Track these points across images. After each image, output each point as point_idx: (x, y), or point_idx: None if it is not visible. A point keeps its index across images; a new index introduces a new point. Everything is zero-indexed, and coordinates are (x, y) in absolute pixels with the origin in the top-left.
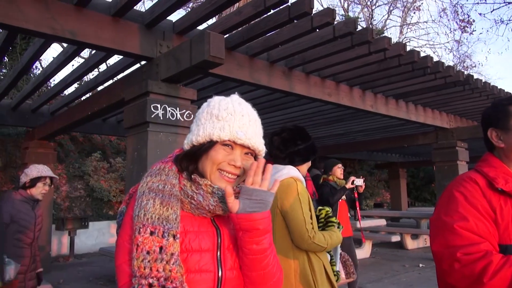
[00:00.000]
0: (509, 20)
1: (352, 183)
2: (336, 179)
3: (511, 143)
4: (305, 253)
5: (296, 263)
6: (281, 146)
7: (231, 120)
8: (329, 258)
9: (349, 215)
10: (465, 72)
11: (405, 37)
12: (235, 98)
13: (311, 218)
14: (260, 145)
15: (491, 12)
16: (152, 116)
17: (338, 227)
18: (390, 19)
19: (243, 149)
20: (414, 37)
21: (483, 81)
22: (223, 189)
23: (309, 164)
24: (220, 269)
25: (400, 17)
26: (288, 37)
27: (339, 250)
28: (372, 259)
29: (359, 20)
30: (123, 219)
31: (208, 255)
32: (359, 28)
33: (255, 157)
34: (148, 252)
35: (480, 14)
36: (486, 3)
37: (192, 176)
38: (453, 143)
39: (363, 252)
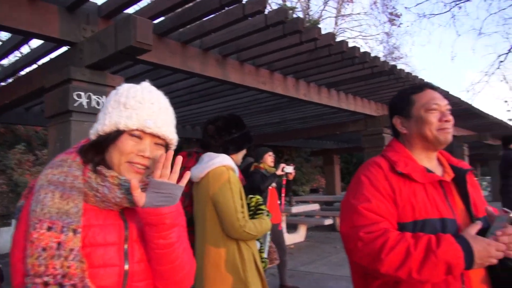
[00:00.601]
0: (431, 14)
1: (282, 170)
2: (267, 167)
3: (412, 129)
4: (235, 242)
5: (226, 252)
6: (216, 135)
7: (139, 109)
8: (258, 246)
9: (279, 202)
10: (392, 63)
11: (339, 28)
12: (145, 85)
13: (242, 207)
14: (171, 134)
15: (415, 6)
16: (75, 104)
17: (268, 215)
18: (325, 10)
19: (153, 138)
20: (348, 28)
21: (406, 71)
22: (131, 181)
23: (243, 152)
24: (127, 263)
25: (335, 8)
26: (221, 24)
27: (268, 238)
28: (306, 242)
29: (296, 10)
30: (20, 214)
31: (114, 248)
32: (291, 17)
33: (167, 147)
34: (44, 249)
35: (405, 8)
36: None
37: (97, 168)
38: (380, 130)
39: (298, 236)
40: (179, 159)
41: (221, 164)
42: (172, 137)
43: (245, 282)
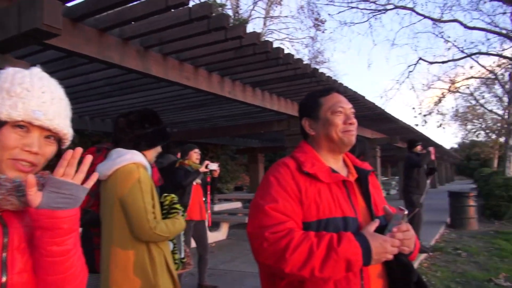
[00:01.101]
0: (351, 23)
1: (206, 167)
2: (192, 163)
3: (319, 131)
4: (145, 244)
5: (135, 255)
6: (127, 128)
7: (27, 97)
8: (172, 247)
9: (204, 199)
10: (316, 67)
11: (268, 29)
12: (36, 71)
13: (153, 207)
14: (64, 128)
15: (338, 13)
16: None
17: (183, 215)
18: (255, 10)
19: (43, 131)
20: (276, 30)
21: (327, 75)
22: (13, 180)
23: (157, 150)
24: (4, 274)
25: (264, 9)
26: (142, 14)
27: (182, 238)
28: (228, 240)
29: (226, 7)
30: None
31: None
32: (217, 12)
33: (60, 142)
34: None
35: (329, 14)
36: (334, 5)
37: None
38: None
39: (220, 234)
40: (88, 158)
41: (131, 161)
42: (67, 131)
43: (155, 286)
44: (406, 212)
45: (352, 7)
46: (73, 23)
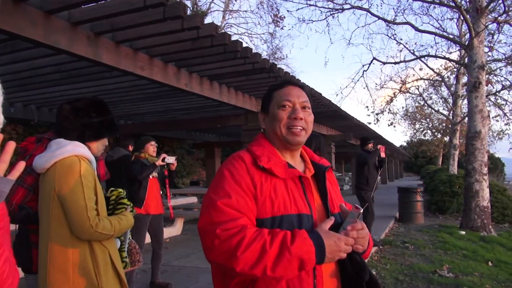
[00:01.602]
0: (309, 20)
1: (163, 160)
2: (148, 156)
3: (269, 125)
4: (87, 243)
5: (76, 255)
6: (71, 116)
7: None
8: (119, 245)
9: (161, 193)
10: (273, 62)
11: (227, 23)
12: None
13: (96, 203)
14: None
15: (296, 10)
16: None
17: (131, 210)
18: (214, 3)
19: None
20: (235, 24)
21: (285, 71)
22: None
23: (104, 142)
24: None
25: (223, 2)
26: None
27: (128, 235)
28: (183, 236)
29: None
30: None
31: None
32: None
33: None
34: None
35: (288, 11)
36: (293, 2)
37: None
38: (259, 126)
39: (175, 229)
40: (10, 145)
41: (72, 153)
42: None
43: (98, 287)
44: (361, 211)
45: (311, 5)
46: (15, 3)
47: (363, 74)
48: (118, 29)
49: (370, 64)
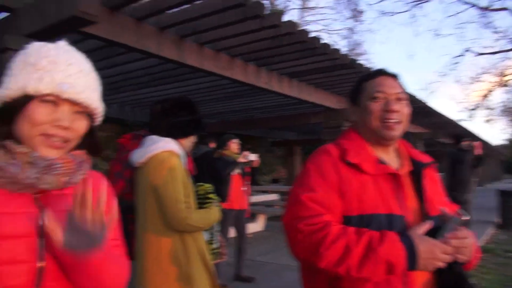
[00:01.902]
0: (391, 12)
1: (246, 157)
2: (231, 154)
3: (360, 118)
4: (179, 233)
5: (168, 244)
6: (162, 116)
7: (53, 70)
8: (207, 237)
9: (243, 188)
10: (352, 57)
11: (304, 21)
12: (62, 44)
13: (187, 196)
14: (94, 101)
15: (377, 3)
16: None
17: (218, 205)
18: (291, 1)
19: (73, 106)
20: (312, 21)
21: (365, 66)
22: (47, 157)
23: (192, 139)
24: (40, 259)
25: (300, 0)
26: (177, 2)
27: (217, 228)
28: (265, 232)
29: None
30: None
31: (24, 242)
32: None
33: (92, 119)
34: None
35: (368, 5)
36: None
37: (4, 143)
38: (340, 123)
39: (257, 225)
40: (103, 187)
41: (164, 149)
42: (96, 105)
43: (188, 277)
44: (466, 218)
45: None
46: (110, 12)
47: (453, 67)
48: (200, 31)
49: (461, 55)
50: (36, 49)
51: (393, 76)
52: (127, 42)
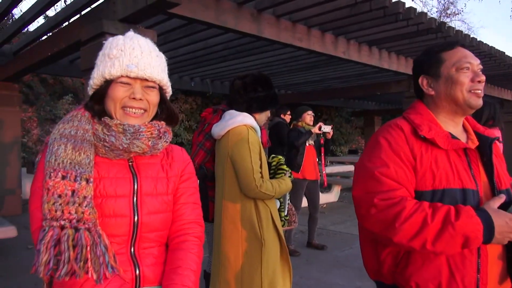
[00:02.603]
0: None
1: (320, 129)
2: (305, 125)
3: (441, 90)
4: (253, 200)
5: (243, 209)
6: (241, 90)
7: (121, 56)
8: (278, 205)
9: (317, 160)
10: (447, 19)
11: None
12: (129, 34)
13: (261, 167)
14: (159, 75)
15: None
16: None
17: (290, 176)
18: None
19: (142, 82)
20: None
21: (456, 29)
22: (134, 124)
23: (267, 113)
24: (136, 214)
25: None
26: None
27: (287, 197)
28: (340, 203)
29: None
30: (37, 166)
31: (124, 200)
32: None
33: (162, 91)
34: (59, 196)
35: None
36: None
37: (102, 119)
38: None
39: (332, 196)
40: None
41: (242, 123)
42: (161, 77)
43: (261, 239)
44: None
45: None
46: None
47: None
48: (278, 3)
49: None
50: (110, 42)
51: (469, 48)
52: (207, 19)
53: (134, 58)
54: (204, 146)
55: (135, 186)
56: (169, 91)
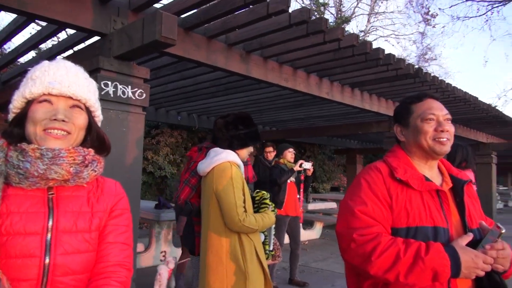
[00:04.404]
0: (465, 17)
1: (300, 166)
2: (287, 162)
3: (410, 138)
4: (237, 234)
5: (228, 243)
6: (223, 129)
7: (44, 75)
8: (263, 238)
9: (298, 196)
10: (425, 64)
11: (372, 26)
12: (57, 59)
13: (244, 202)
14: (85, 94)
15: (449, 7)
16: (103, 93)
17: (273, 210)
18: (358, 7)
19: (66, 100)
20: (380, 27)
21: (433, 75)
22: (53, 148)
23: (250, 149)
24: (48, 255)
25: (368, 5)
26: (245, 21)
27: (272, 231)
28: (322, 240)
29: (328, 6)
30: None
31: (34, 238)
32: (319, 14)
33: (89, 112)
34: None
35: (440, 9)
36: None
37: (18, 145)
38: None
39: (313, 233)
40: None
41: (226, 160)
42: (87, 97)
43: (245, 272)
44: (503, 231)
45: (467, 0)
46: (185, 32)
47: None
48: (266, 46)
49: None
50: (35, 66)
51: (437, 99)
52: (198, 58)
53: (58, 76)
54: (189, 183)
55: (50, 221)
56: (98, 114)
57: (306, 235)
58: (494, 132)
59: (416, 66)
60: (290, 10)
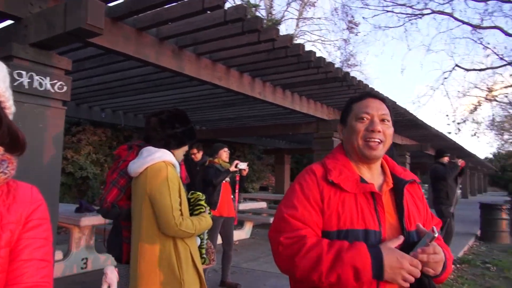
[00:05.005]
0: (386, 27)
1: (236, 166)
2: (222, 162)
3: (346, 136)
4: (172, 240)
5: (162, 250)
6: (158, 127)
7: None
8: (199, 242)
9: (232, 196)
10: (347, 69)
11: (300, 30)
12: None
13: (180, 204)
14: None
15: (372, 17)
16: (15, 84)
17: (209, 213)
18: (288, 11)
19: None
20: (308, 31)
21: (359, 79)
22: None
23: (185, 149)
24: None
25: (297, 10)
26: (179, 15)
27: (205, 235)
28: (251, 239)
29: (259, 8)
30: None
31: None
32: (252, 14)
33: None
34: None
35: (363, 18)
36: (369, 9)
37: None
38: (331, 134)
39: (244, 233)
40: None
41: (161, 160)
42: None
43: (180, 280)
44: (436, 235)
45: (388, 11)
46: (112, 22)
47: (443, 82)
48: (200, 42)
49: (451, 70)
50: None
51: (381, 99)
52: (127, 51)
53: None
54: (118, 184)
55: None
56: (9, 105)
57: (236, 235)
58: (408, 134)
59: (344, 71)
60: (226, 7)
